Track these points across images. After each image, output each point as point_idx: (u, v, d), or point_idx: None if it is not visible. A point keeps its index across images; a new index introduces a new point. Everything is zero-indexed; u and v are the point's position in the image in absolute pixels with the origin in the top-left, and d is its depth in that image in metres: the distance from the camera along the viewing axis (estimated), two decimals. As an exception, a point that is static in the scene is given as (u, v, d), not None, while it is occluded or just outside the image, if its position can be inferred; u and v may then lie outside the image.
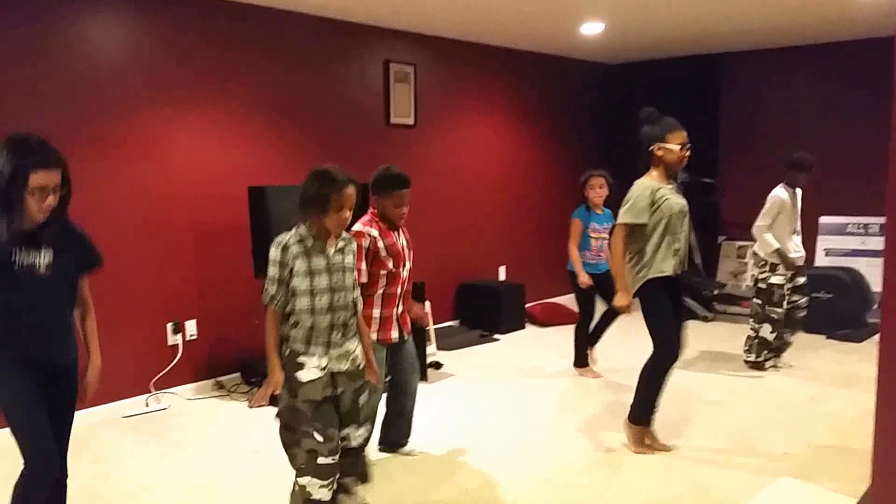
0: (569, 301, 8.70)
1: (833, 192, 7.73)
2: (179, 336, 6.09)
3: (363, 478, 3.65)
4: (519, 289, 8.42)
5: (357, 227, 4.31)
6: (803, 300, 6.40)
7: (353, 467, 3.56)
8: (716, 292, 8.69)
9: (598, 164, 8.62)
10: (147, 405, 5.81)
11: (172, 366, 6.03)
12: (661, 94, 9.24)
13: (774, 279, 6.28)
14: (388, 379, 4.62)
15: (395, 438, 4.85)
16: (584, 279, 6.16)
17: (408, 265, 4.52)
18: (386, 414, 4.82)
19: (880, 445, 2.25)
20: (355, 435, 3.52)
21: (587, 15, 6.96)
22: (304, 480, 3.37)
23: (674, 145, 4.59)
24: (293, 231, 3.40)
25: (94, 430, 5.35)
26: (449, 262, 8.22)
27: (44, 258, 2.98)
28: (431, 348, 7.09)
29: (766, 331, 6.39)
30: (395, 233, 4.46)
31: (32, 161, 2.83)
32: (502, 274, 8.96)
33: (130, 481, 4.52)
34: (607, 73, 10.02)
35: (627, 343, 6.77)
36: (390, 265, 4.34)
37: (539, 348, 6.56)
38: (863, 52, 8.22)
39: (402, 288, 4.45)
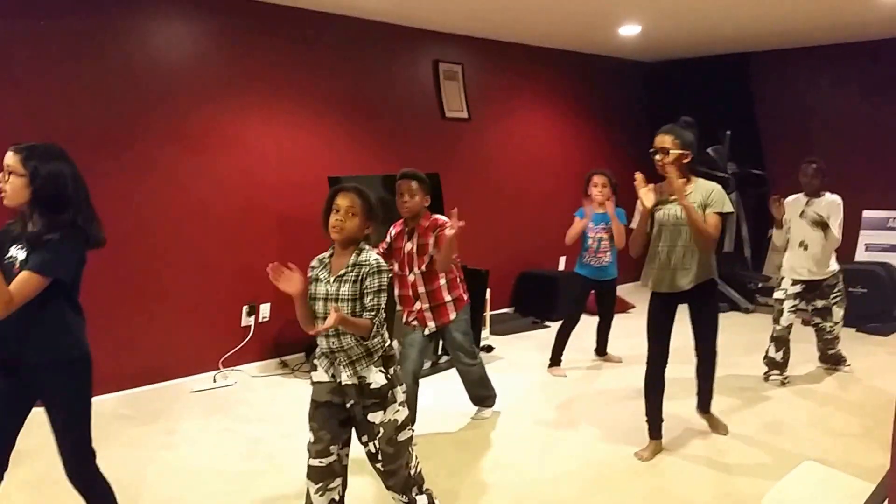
0: (623, 291, 8.70)
1: (877, 187, 7.56)
2: (252, 318, 6.30)
3: (397, 489, 3.38)
4: (575, 278, 8.34)
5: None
6: (826, 324, 5.92)
7: (380, 475, 3.34)
8: (759, 286, 8.60)
9: (643, 159, 8.57)
10: (215, 381, 6.01)
11: (242, 345, 6.25)
12: (698, 91, 9.23)
13: (776, 293, 5.90)
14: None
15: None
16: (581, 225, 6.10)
17: (416, 269, 4.65)
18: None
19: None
20: (367, 443, 3.28)
21: (624, 18, 7.01)
22: (308, 482, 3.29)
23: (653, 150, 4.37)
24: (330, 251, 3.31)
25: (163, 403, 5.57)
26: (511, 251, 8.32)
27: (21, 255, 2.93)
28: (485, 332, 7.20)
29: (771, 349, 5.91)
30: (407, 238, 4.66)
31: None
32: (562, 264, 9.02)
33: (198, 452, 4.69)
34: (647, 70, 9.98)
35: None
36: (395, 267, 4.67)
37: (585, 336, 6.59)
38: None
39: (411, 290, 4.68)
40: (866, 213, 8.00)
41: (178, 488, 4.20)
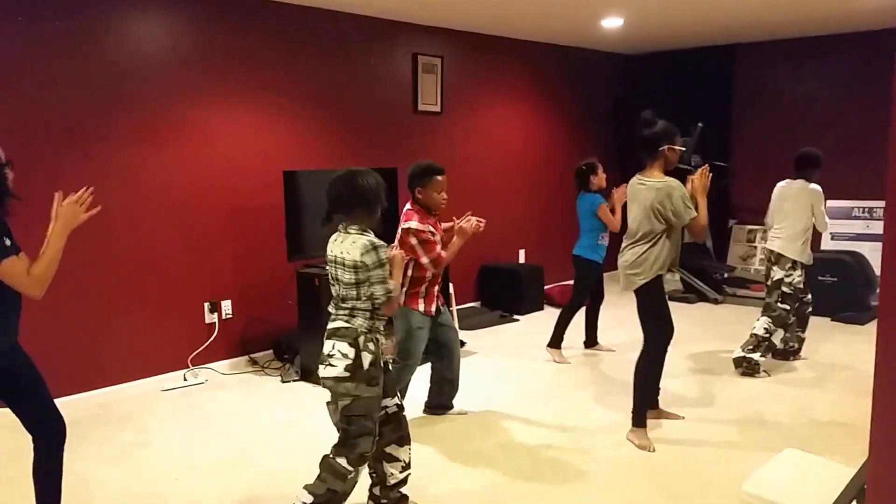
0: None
1: (839, 177, 7.66)
2: (216, 315, 6.18)
3: (410, 440, 3.61)
4: (538, 271, 8.44)
5: (415, 224, 4.55)
6: (808, 296, 5.99)
7: (399, 429, 3.52)
8: (725, 275, 8.67)
9: (614, 153, 8.62)
10: (185, 379, 5.91)
11: (209, 343, 6.13)
12: (677, 83, 9.30)
13: (799, 277, 5.78)
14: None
15: (443, 402, 5.12)
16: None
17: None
18: (433, 381, 5.10)
19: (877, 421, 2.27)
20: (390, 404, 3.48)
21: (607, 10, 6.99)
22: (364, 468, 3.37)
23: (679, 147, 4.59)
24: (371, 235, 3.29)
25: (135, 402, 5.48)
26: (471, 244, 8.22)
27: (4, 242, 2.93)
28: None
29: (779, 337, 5.97)
30: (435, 219, 4.75)
31: None
32: (522, 257, 8.99)
33: (172, 450, 4.63)
34: (625, 63, 10.01)
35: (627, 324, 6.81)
36: (439, 249, 4.64)
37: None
38: (868, 43, 8.19)
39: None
40: (830, 203, 8.06)
41: (152, 485, 4.14)
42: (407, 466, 3.58)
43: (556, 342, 6.42)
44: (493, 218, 8.58)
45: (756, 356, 5.83)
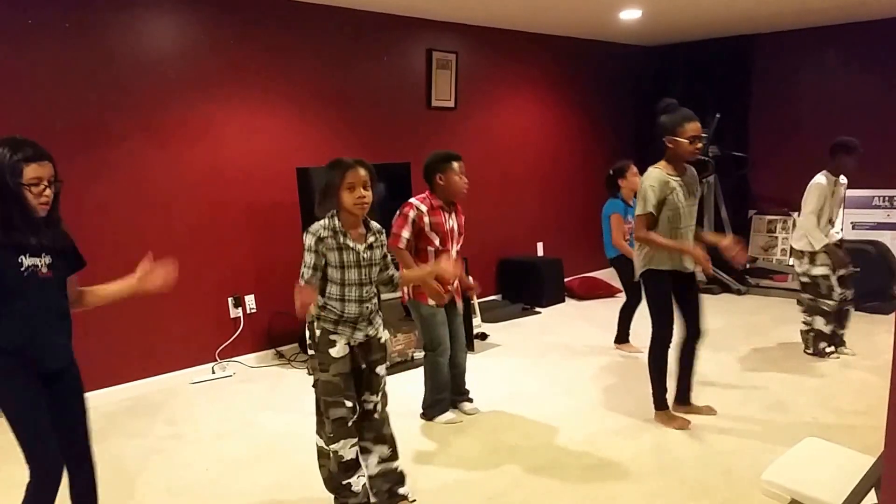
0: (605, 275, 8.73)
1: (861, 166, 7.58)
2: (240, 309, 6.26)
3: (387, 440, 3.67)
4: (557, 263, 8.45)
5: (411, 200, 4.57)
6: (848, 292, 5.97)
7: (371, 429, 3.60)
8: (747, 266, 8.64)
9: (632, 145, 8.55)
10: (213, 373, 6.01)
11: (235, 337, 6.21)
12: (696, 75, 9.26)
13: (817, 270, 5.84)
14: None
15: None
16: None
17: (455, 246, 4.72)
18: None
19: (894, 410, 2.28)
20: (370, 399, 3.55)
21: (625, 2, 6.96)
22: (337, 446, 3.41)
23: (683, 139, 4.41)
24: (326, 221, 3.37)
25: (166, 395, 5.58)
26: (489, 238, 8.27)
27: (44, 259, 2.89)
28: (477, 321, 7.16)
29: (820, 323, 5.96)
30: (448, 214, 4.64)
31: (24, 154, 2.76)
32: (540, 250, 9.01)
33: (202, 441, 4.71)
34: (643, 55, 9.94)
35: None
36: (437, 242, 4.57)
37: (579, 321, 6.58)
38: (889, 31, 8.12)
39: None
40: (850, 192, 8.02)
41: (184, 476, 4.22)
42: (386, 460, 3.66)
43: (620, 338, 6.45)
44: (510, 211, 8.64)
45: (810, 351, 6.07)
